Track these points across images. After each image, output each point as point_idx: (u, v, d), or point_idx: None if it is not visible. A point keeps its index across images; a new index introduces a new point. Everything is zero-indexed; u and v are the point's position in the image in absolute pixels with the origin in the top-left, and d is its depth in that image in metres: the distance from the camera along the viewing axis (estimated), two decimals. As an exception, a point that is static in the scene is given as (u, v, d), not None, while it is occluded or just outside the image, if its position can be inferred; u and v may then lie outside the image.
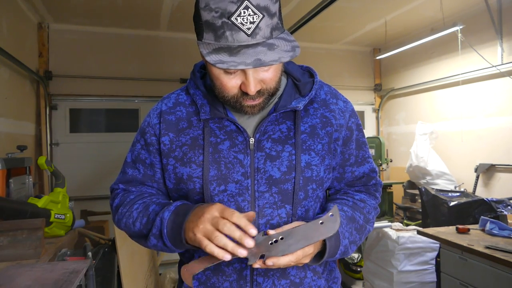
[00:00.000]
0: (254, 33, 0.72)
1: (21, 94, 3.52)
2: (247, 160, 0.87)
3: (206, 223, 0.74)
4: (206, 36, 0.75)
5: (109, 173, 4.15)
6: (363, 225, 0.93)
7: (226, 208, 0.75)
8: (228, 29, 0.72)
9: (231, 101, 0.83)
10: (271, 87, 0.83)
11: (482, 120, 3.76)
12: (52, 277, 1.33)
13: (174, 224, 0.80)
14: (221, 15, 0.72)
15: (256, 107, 0.84)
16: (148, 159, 0.97)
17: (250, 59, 0.71)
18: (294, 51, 0.74)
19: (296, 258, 0.75)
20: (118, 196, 1.00)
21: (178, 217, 0.80)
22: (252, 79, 0.78)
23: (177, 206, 0.83)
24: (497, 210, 2.55)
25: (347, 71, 5.27)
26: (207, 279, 0.90)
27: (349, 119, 0.96)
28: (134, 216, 0.90)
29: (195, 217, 0.77)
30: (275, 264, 0.74)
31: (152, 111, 0.99)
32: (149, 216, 0.86)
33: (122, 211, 0.94)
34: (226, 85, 0.81)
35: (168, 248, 0.83)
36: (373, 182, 1.02)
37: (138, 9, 3.72)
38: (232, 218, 0.72)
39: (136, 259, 2.44)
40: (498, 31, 3.49)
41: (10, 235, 1.70)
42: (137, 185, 0.99)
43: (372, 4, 3.67)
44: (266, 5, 0.73)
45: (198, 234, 0.74)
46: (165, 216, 0.82)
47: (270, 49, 0.73)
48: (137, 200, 0.93)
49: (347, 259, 3.36)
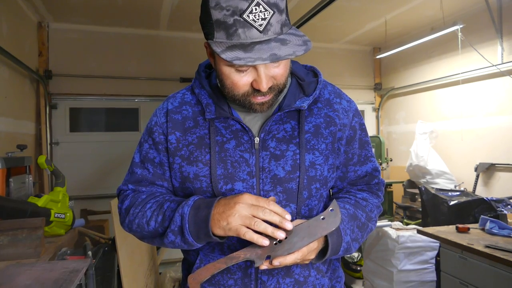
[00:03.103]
0: (266, 29, 0.73)
1: (21, 93, 3.52)
2: (253, 159, 0.88)
3: (242, 211, 0.75)
4: (217, 35, 0.75)
5: (109, 172, 4.16)
6: (365, 223, 0.94)
7: (259, 197, 0.78)
8: (240, 27, 0.73)
9: (241, 100, 0.83)
10: (281, 83, 0.83)
11: (482, 119, 3.75)
12: (52, 276, 1.33)
13: (197, 218, 0.80)
14: (232, 13, 0.72)
15: (265, 104, 0.84)
16: (157, 158, 0.96)
17: (266, 54, 0.72)
18: (306, 45, 0.75)
19: (302, 255, 0.76)
20: (127, 197, 0.96)
21: (201, 210, 0.80)
22: (264, 75, 0.78)
23: (195, 200, 0.83)
24: (497, 209, 2.55)
25: (347, 70, 5.27)
26: (212, 277, 0.90)
27: (352, 119, 0.96)
28: (148, 216, 0.88)
29: (226, 207, 0.77)
30: (282, 263, 0.75)
31: (159, 110, 0.98)
32: (164, 213, 0.85)
33: (134, 211, 0.91)
34: (238, 83, 0.81)
35: (187, 244, 0.82)
36: (376, 181, 1.02)
37: (138, 8, 3.72)
38: (269, 205, 0.75)
39: (136, 258, 2.44)
40: (498, 30, 3.48)
41: (10, 234, 1.71)
42: (147, 185, 0.97)
43: (372, 3, 3.66)
44: (276, 1, 0.74)
45: (234, 223, 0.75)
46: (185, 211, 0.81)
47: (283, 44, 0.74)
48: (150, 200, 0.91)
49: (347, 258, 3.36)
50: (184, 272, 1.03)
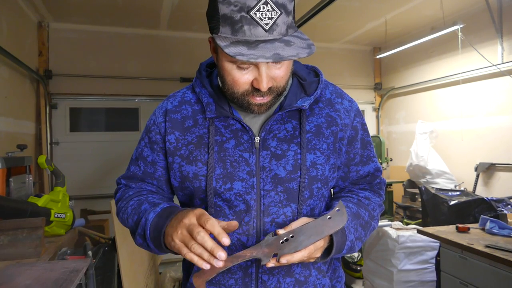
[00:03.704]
0: (271, 29, 0.73)
1: (21, 93, 3.52)
2: (253, 158, 0.87)
3: (183, 229, 0.73)
4: (223, 30, 0.75)
5: (109, 172, 4.16)
6: (368, 221, 0.94)
7: (203, 214, 0.74)
8: (246, 23, 0.72)
9: (239, 98, 0.83)
10: (281, 85, 0.83)
11: (482, 119, 3.75)
12: (52, 276, 1.33)
13: (156, 227, 0.81)
14: (240, 9, 0.72)
15: (263, 106, 0.84)
16: (150, 156, 0.97)
17: (269, 53, 0.72)
18: (310, 49, 0.75)
19: (308, 253, 0.77)
20: (120, 190, 1.03)
21: (161, 219, 0.81)
22: (265, 74, 0.78)
23: (163, 208, 0.84)
24: (497, 209, 2.55)
25: (347, 70, 5.27)
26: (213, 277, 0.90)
27: (354, 119, 0.96)
28: (128, 212, 0.92)
29: (176, 221, 0.76)
30: (289, 261, 0.75)
31: (158, 110, 0.99)
32: (139, 214, 0.88)
33: (120, 205, 0.97)
34: (238, 80, 0.80)
35: (153, 250, 0.84)
36: (378, 181, 1.03)
37: (138, 8, 3.72)
38: (206, 225, 0.71)
39: (136, 258, 2.44)
40: (498, 30, 3.48)
41: (10, 234, 1.71)
42: (138, 182, 1.01)
43: (372, 3, 3.66)
44: (284, 3, 0.74)
45: (176, 240, 0.73)
46: (149, 218, 0.83)
47: (287, 45, 0.74)
48: (134, 197, 0.95)
49: (347, 258, 3.36)
50: (184, 272, 1.03)
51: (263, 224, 0.87)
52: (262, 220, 0.87)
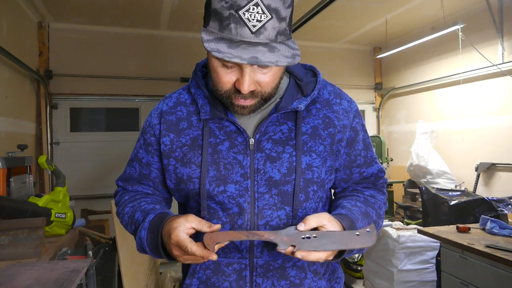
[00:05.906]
0: (258, 32, 0.72)
1: (21, 93, 3.52)
2: (247, 161, 0.86)
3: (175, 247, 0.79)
4: (212, 24, 0.75)
5: (109, 172, 4.16)
6: (376, 220, 0.94)
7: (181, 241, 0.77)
8: (233, 22, 0.71)
9: (223, 97, 0.82)
10: (265, 91, 0.81)
11: (483, 119, 3.75)
12: (53, 276, 1.33)
13: (152, 242, 0.85)
14: (230, 7, 0.71)
15: (246, 109, 0.82)
16: (145, 158, 0.98)
17: (247, 55, 0.70)
18: (293, 59, 0.73)
19: (326, 256, 0.77)
20: (118, 194, 1.06)
21: (153, 235, 0.84)
22: (247, 77, 0.76)
23: (150, 221, 0.86)
24: (498, 209, 2.55)
25: (347, 70, 5.27)
26: (208, 279, 0.90)
27: (353, 120, 0.94)
28: (126, 220, 0.96)
29: (166, 237, 0.81)
30: (304, 257, 0.75)
31: (153, 111, 0.99)
32: (135, 224, 0.92)
33: (118, 210, 1.01)
34: (222, 78, 0.80)
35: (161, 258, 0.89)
36: (381, 181, 1.02)
37: (138, 8, 3.72)
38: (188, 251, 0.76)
39: (136, 258, 2.44)
40: (499, 30, 3.48)
41: (10, 234, 1.70)
42: (134, 184, 1.02)
43: (372, 3, 3.66)
44: (277, 7, 0.72)
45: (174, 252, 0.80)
46: (142, 235, 0.86)
47: (271, 51, 0.72)
48: (128, 203, 0.98)
49: (348, 258, 3.36)
50: (185, 272, 1.03)
51: (257, 227, 0.86)
52: (256, 223, 0.86)
